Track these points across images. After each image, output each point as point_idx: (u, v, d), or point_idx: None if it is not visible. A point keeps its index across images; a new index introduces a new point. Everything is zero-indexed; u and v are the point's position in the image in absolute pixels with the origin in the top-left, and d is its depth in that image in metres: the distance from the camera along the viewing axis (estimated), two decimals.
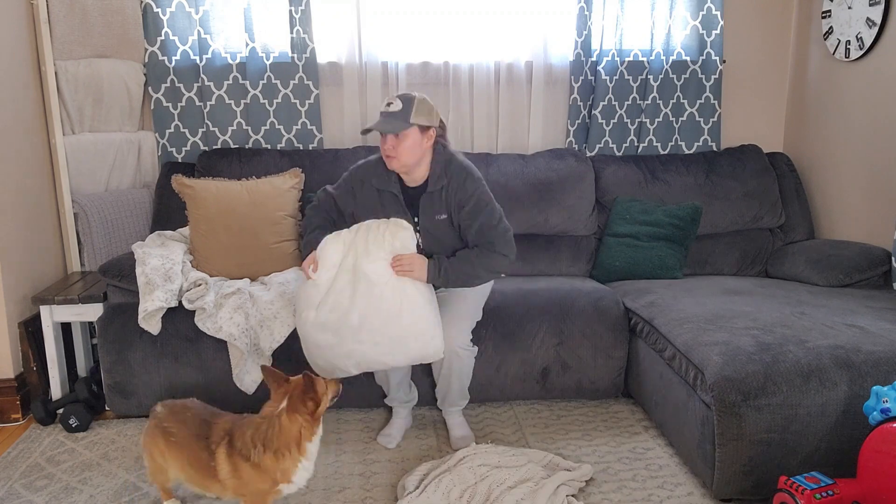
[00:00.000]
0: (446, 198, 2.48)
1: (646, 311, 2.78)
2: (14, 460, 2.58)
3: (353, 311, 2.39)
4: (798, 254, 3.29)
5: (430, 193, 2.48)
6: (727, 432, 2.14)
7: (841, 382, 2.15)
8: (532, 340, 2.84)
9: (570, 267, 3.43)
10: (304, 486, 2.08)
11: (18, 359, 2.94)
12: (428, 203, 2.50)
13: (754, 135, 3.78)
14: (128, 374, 2.77)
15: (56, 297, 2.87)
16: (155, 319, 2.72)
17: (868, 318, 2.51)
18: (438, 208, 2.49)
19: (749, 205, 3.47)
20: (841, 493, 1.99)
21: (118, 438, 2.73)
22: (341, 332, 2.40)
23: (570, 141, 3.67)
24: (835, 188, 3.42)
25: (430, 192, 2.48)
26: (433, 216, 2.50)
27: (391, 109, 2.40)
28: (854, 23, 3.19)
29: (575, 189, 3.40)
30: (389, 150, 2.39)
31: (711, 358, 2.25)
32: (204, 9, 3.39)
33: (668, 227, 3.30)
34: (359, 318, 2.39)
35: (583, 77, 3.59)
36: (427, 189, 2.48)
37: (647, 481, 2.39)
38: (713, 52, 3.61)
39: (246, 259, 2.98)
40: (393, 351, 2.42)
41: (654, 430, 2.74)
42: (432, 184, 2.47)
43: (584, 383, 2.91)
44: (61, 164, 3.22)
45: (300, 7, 3.40)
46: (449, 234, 2.53)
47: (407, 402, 2.76)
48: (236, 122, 3.52)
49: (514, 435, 2.72)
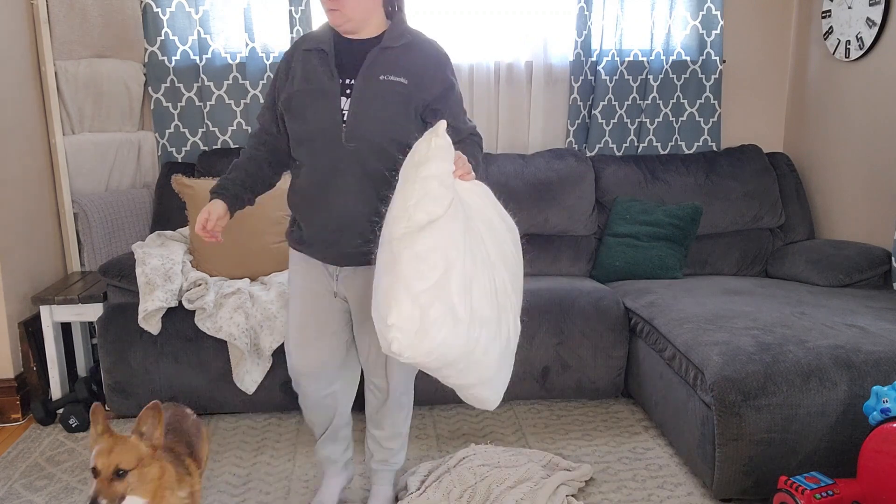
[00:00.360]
0: (408, 61, 1.90)
1: (646, 311, 2.78)
2: (14, 460, 2.58)
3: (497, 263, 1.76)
4: (798, 254, 3.29)
5: (384, 48, 1.89)
6: (727, 432, 2.14)
7: (841, 382, 2.15)
8: (532, 340, 2.84)
9: (570, 267, 3.43)
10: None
11: (18, 359, 2.94)
12: (377, 59, 1.89)
13: (754, 135, 3.78)
14: (128, 374, 2.77)
15: (56, 297, 2.87)
16: (155, 319, 2.73)
17: (868, 318, 2.51)
18: (391, 68, 1.88)
19: (749, 205, 3.46)
20: (841, 493, 1.99)
21: None
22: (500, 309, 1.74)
23: (570, 141, 3.67)
24: (835, 188, 3.42)
25: (383, 46, 1.89)
26: (378, 74, 1.88)
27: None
28: (854, 23, 3.19)
29: (575, 189, 3.40)
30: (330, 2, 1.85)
31: (711, 358, 2.25)
32: (204, 9, 3.39)
33: (668, 227, 3.30)
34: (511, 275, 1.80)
35: (583, 77, 3.59)
36: (381, 44, 1.90)
37: (647, 481, 2.39)
38: (713, 52, 3.61)
39: (246, 259, 2.98)
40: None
41: (654, 430, 2.74)
42: (388, 39, 1.90)
43: (584, 383, 2.91)
44: (61, 164, 3.22)
45: (300, 7, 3.40)
46: (390, 101, 1.87)
47: (341, 456, 2.26)
48: (236, 122, 3.52)
49: (514, 435, 2.72)
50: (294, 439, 2.71)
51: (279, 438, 2.72)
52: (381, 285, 1.61)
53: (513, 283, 1.81)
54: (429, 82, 1.90)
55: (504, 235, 1.82)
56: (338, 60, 1.90)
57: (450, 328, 1.57)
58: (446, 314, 1.56)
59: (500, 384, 1.80)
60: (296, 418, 2.87)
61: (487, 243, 1.74)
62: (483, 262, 1.68)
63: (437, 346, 1.57)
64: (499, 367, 1.75)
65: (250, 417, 2.89)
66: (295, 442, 2.69)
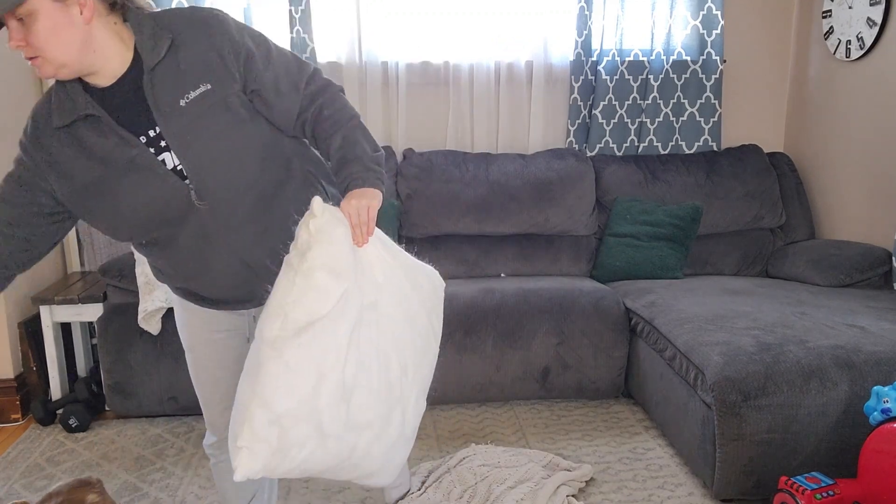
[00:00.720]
0: (186, 62, 1.44)
1: (646, 311, 2.78)
2: (14, 460, 2.58)
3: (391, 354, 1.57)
4: (798, 254, 3.28)
5: (153, 72, 1.43)
6: (728, 432, 2.14)
7: (841, 382, 2.14)
8: (532, 340, 2.84)
9: (570, 267, 3.43)
10: None
11: (18, 359, 2.94)
12: (156, 86, 1.43)
13: (755, 135, 3.77)
14: (128, 374, 2.76)
15: (56, 297, 2.87)
16: (155, 319, 2.72)
17: (869, 318, 2.51)
18: (180, 84, 1.44)
19: (749, 205, 3.46)
20: (841, 494, 1.99)
21: (118, 439, 2.73)
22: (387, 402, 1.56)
23: (571, 141, 3.67)
24: (835, 188, 3.42)
25: (151, 69, 1.43)
26: (175, 103, 1.43)
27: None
28: (854, 22, 3.18)
29: (575, 189, 3.40)
30: (19, 44, 1.34)
31: (712, 358, 2.25)
32: None
33: (669, 227, 3.29)
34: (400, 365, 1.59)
35: (583, 77, 3.59)
36: (143, 69, 1.43)
37: (648, 481, 2.38)
38: (714, 52, 3.61)
39: None
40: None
41: (654, 430, 2.74)
42: (148, 57, 1.42)
43: (584, 383, 2.90)
44: None
45: (300, 7, 3.40)
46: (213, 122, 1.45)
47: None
48: None
49: (514, 435, 2.72)
50: None
51: None
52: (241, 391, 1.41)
53: (419, 358, 1.64)
54: (222, 67, 1.45)
55: (413, 304, 1.61)
56: (116, 118, 1.44)
57: (314, 445, 1.42)
58: (311, 433, 1.41)
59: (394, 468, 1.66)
60: None
61: (385, 327, 1.54)
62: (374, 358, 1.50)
63: (299, 464, 1.43)
64: (387, 458, 1.60)
65: None
66: None
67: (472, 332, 2.81)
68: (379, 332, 1.52)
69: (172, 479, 2.43)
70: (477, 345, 2.81)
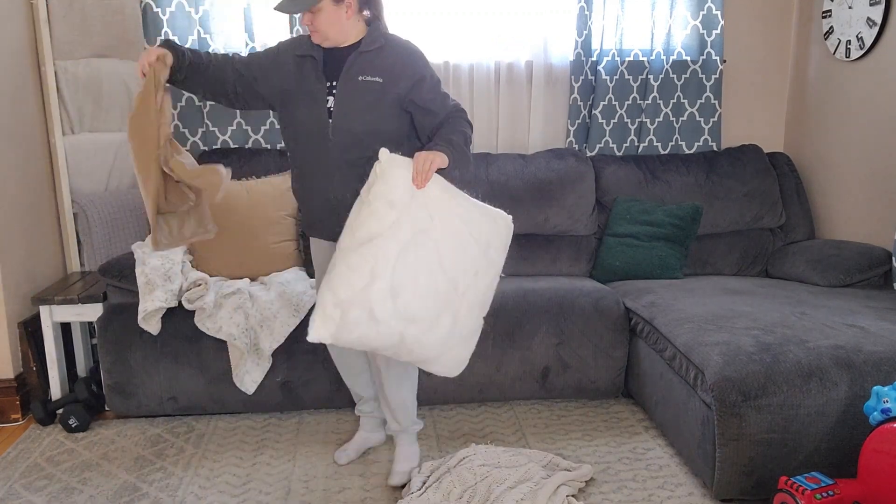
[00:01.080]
0: (383, 61, 2.21)
1: (646, 311, 2.78)
2: (14, 460, 2.58)
3: (439, 271, 2.05)
4: (798, 254, 3.28)
5: (361, 53, 2.21)
6: (727, 432, 2.14)
7: (841, 383, 2.14)
8: (532, 340, 2.84)
9: (570, 267, 3.43)
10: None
11: (18, 359, 2.94)
12: (355, 62, 2.20)
13: (754, 135, 3.77)
14: (127, 375, 2.76)
15: (56, 297, 2.87)
16: (155, 319, 2.72)
17: (868, 318, 2.51)
18: (367, 69, 2.20)
19: (749, 205, 3.46)
20: (841, 494, 1.99)
21: (118, 439, 2.73)
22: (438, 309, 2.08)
23: (571, 141, 3.67)
24: (835, 188, 3.42)
25: (360, 51, 2.21)
26: (356, 76, 2.19)
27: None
28: (854, 22, 3.18)
29: (575, 189, 3.40)
30: (308, 25, 2.19)
31: (712, 358, 2.25)
32: (204, 8, 3.39)
33: (669, 227, 3.29)
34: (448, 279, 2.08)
35: (583, 77, 3.59)
36: (359, 49, 2.21)
37: (648, 481, 2.39)
38: (713, 52, 3.61)
39: (246, 259, 2.98)
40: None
41: (654, 430, 2.74)
42: (365, 45, 2.21)
43: (584, 383, 2.90)
44: (61, 164, 3.22)
45: None
46: (368, 98, 2.19)
47: (374, 414, 2.58)
48: (236, 122, 3.52)
49: (514, 435, 2.72)
50: (294, 439, 2.71)
51: (279, 438, 2.72)
52: (321, 284, 2.03)
53: (470, 279, 2.12)
54: (400, 78, 2.19)
55: (466, 241, 2.10)
56: (324, 66, 2.23)
57: (366, 326, 1.98)
58: (363, 317, 1.97)
59: (452, 360, 2.18)
60: (295, 418, 2.87)
61: (435, 249, 2.04)
62: (421, 271, 2.02)
63: (358, 338, 2.01)
64: (443, 348, 2.12)
65: (250, 417, 2.89)
66: (295, 442, 2.69)
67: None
68: (427, 252, 2.03)
69: (172, 479, 2.43)
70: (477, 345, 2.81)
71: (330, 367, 2.77)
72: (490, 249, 2.15)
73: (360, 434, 2.59)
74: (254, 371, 2.74)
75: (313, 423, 2.83)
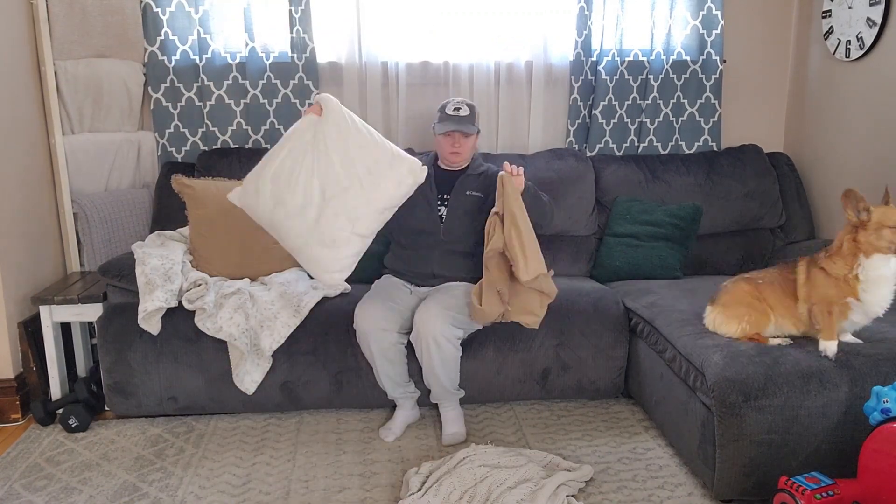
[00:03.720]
0: (484, 181, 2.86)
1: (646, 312, 2.77)
2: (14, 460, 2.58)
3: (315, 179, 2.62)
4: (798, 254, 3.27)
5: (468, 175, 2.87)
6: (728, 433, 2.14)
7: (842, 384, 2.14)
8: (532, 341, 2.84)
9: (570, 267, 3.43)
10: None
11: (18, 359, 2.94)
12: (464, 181, 2.86)
13: (754, 135, 3.77)
14: (127, 375, 2.76)
15: (56, 297, 2.87)
16: (155, 319, 2.72)
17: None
18: (473, 187, 2.85)
19: (749, 205, 3.46)
20: (841, 494, 1.99)
21: (118, 438, 2.73)
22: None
23: (570, 141, 3.67)
24: (835, 188, 3.42)
25: (468, 174, 2.88)
26: (464, 192, 2.84)
27: (461, 114, 2.81)
28: (854, 22, 3.18)
29: (575, 189, 3.40)
30: (457, 147, 2.82)
31: (712, 359, 2.25)
32: (204, 8, 3.39)
33: (669, 227, 3.29)
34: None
35: (583, 77, 3.59)
36: (467, 172, 2.88)
37: (648, 482, 2.39)
38: (713, 52, 3.61)
39: (246, 259, 2.98)
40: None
41: (654, 430, 2.74)
42: (472, 168, 2.90)
43: (584, 383, 2.90)
44: (61, 164, 3.22)
45: (300, 7, 3.40)
46: (474, 209, 2.82)
47: (408, 394, 2.77)
48: (236, 121, 3.52)
49: (514, 435, 2.72)
50: (294, 439, 2.71)
51: (279, 438, 2.72)
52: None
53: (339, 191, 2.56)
54: (491, 191, 2.75)
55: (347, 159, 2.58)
56: (436, 180, 2.87)
57: (251, 198, 2.62)
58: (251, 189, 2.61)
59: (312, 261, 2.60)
60: (295, 418, 2.87)
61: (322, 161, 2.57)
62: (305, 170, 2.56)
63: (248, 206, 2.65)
64: (302, 241, 2.58)
65: (250, 418, 2.89)
66: (295, 442, 2.69)
67: (473, 335, 2.81)
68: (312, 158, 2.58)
69: (172, 479, 2.43)
70: (477, 346, 2.81)
71: (330, 367, 2.77)
72: (370, 175, 2.57)
73: (401, 412, 2.77)
74: (254, 371, 2.74)
75: (313, 423, 2.83)
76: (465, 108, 2.82)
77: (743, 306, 2.38)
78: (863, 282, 2.18)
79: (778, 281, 2.37)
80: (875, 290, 2.18)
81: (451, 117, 2.80)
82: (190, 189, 2.98)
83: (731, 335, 2.38)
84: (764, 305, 2.36)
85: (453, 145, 2.81)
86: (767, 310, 2.36)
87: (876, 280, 2.17)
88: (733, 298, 2.42)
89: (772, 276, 2.41)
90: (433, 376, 2.65)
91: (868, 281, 2.18)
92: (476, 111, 2.86)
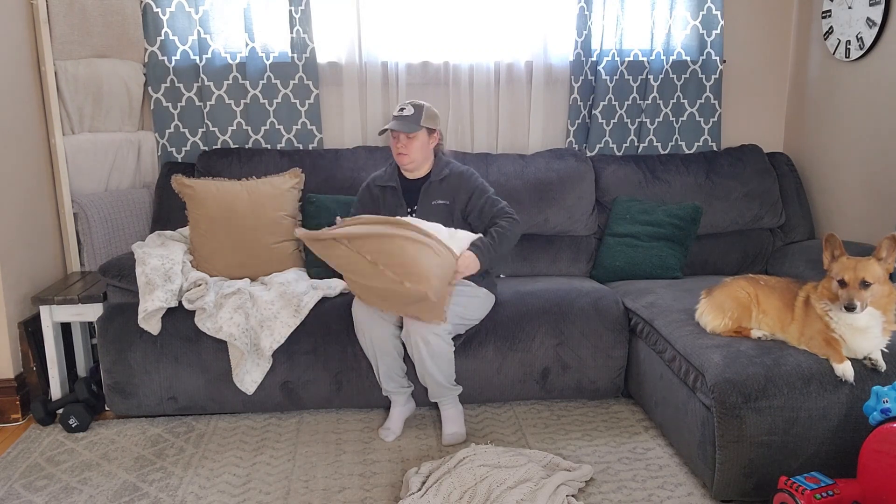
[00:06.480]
0: (447, 187, 2.82)
1: (646, 312, 2.78)
2: (14, 460, 2.58)
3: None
4: (798, 254, 3.28)
5: (432, 182, 2.82)
6: (728, 434, 2.14)
7: (842, 385, 2.14)
8: (532, 341, 2.84)
9: (570, 267, 3.43)
10: None
11: (18, 359, 2.94)
12: (429, 190, 2.82)
13: (754, 135, 3.77)
14: (128, 375, 2.76)
15: (56, 297, 2.87)
16: (155, 319, 2.72)
17: None
18: (438, 195, 2.81)
19: (749, 205, 3.46)
20: (841, 494, 1.99)
21: (118, 438, 2.73)
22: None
23: (570, 141, 3.67)
24: (835, 188, 3.42)
25: (432, 181, 2.82)
26: (430, 202, 2.81)
27: (404, 113, 2.75)
28: (854, 23, 3.18)
29: (575, 189, 3.40)
30: (402, 148, 2.76)
31: (712, 360, 2.25)
32: (204, 9, 3.39)
33: (669, 227, 3.29)
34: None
35: (583, 77, 3.59)
36: (430, 179, 2.83)
37: (648, 481, 2.39)
38: (713, 52, 3.61)
39: (246, 259, 2.98)
40: None
41: (654, 430, 2.74)
42: (435, 175, 2.84)
43: (584, 383, 2.90)
44: (61, 164, 3.22)
45: (300, 7, 3.40)
46: (443, 218, 2.75)
47: (402, 389, 2.76)
48: (236, 122, 3.52)
49: (514, 435, 2.72)
50: (294, 439, 2.71)
51: (279, 438, 2.72)
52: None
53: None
54: (460, 197, 2.82)
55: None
56: (404, 193, 2.84)
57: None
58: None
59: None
60: (295, 418, 2.88)
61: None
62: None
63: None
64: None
65: (250, 418, 2.89)
66: (295, 442, 2.69)
67: (472, 334, 2.81)
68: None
69: (172, 479, 2.43)
70: (477, 346, 2.81)
71: (330, 367, 2.77)
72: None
73: (396, 409, 2.76)
74: (254, 371, 2.74)
75: (313, 423, 2.83)
76: (410, 108, 2.76)
77: (731, 300, 2.39)
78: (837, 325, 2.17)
79: (779, 289, 2.38)
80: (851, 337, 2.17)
81: (395, 118, 2.77)
82: (190, 189, 2.98)
83: (713, 328, 2.40)
84: (752, 303, 2.37)
85: (397, 146, 2.76)
86: (753, 308, 2.37)
87: (849, 329, 2.16)
88: (726, 292, 2.43)
89: (776, 284, 2.41)
90: (427, 374, 2.63)
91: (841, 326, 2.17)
92: (426, 111, 2.77)
